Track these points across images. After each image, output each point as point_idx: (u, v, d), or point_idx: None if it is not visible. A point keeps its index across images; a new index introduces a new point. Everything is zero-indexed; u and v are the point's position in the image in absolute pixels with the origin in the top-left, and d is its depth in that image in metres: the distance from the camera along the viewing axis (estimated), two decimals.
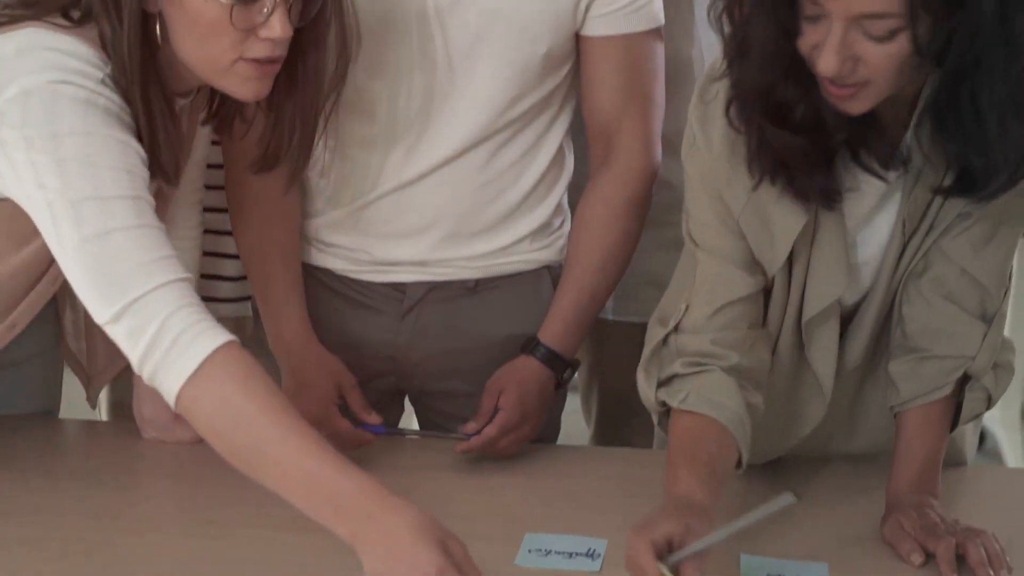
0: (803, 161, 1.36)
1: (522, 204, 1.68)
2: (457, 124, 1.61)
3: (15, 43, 1.34)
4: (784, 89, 1.33)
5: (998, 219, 1.44)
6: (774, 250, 1.44)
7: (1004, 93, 1.27)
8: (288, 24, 1.36)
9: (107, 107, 1.32)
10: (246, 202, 1.67)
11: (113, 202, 1.29)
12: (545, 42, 1.60)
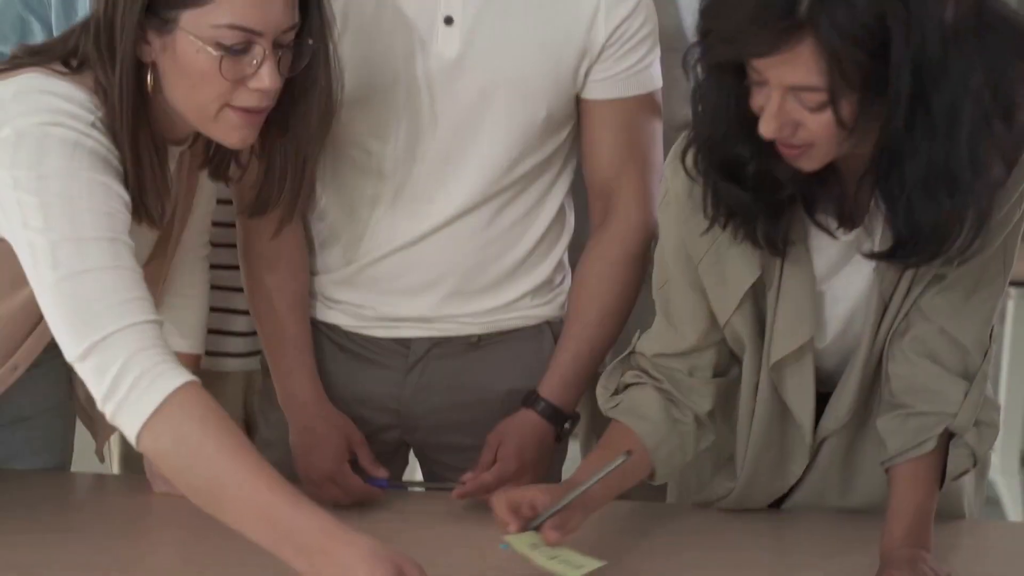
0: (753, 213, 1.44)
1: (524, 262, 1.72)
2: (462, 185, 1.66)
3: (14, 86, 1.40)
4: (736, 146, 1.40)
5: (976, 278, 1.49)
6: (727, 299, 1.51)
7: (924, 171, 1.33)
8: (277, 76, 1.41)
9: (94, 149, 1.36)
10: (258, 261, 1.71)
11: (90, 243, 1.34)
12: (547, 105, 1.65)
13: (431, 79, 1.62)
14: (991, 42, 1.33)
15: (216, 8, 1.37)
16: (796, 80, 1.31)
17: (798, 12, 1.27)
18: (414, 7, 1.62)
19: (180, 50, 1.39)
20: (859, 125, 1.32)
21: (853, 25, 1.27)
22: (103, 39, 1.39)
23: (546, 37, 1.63)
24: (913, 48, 1.28)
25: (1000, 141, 1.36)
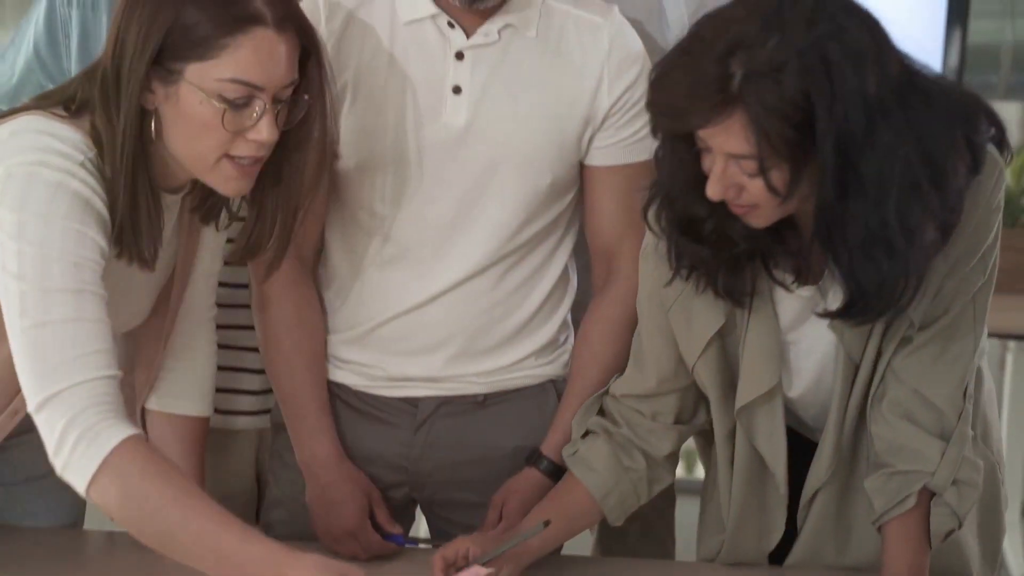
0: (713, 267, 1.52)
1: (529, 323, 1.76)
2: (469, 249, 1.70)
3: (12, 126, 1.45)
4: (692, 205, 1.48)
5: (945, 340, 1.53)
6: (693, 345, 1.59)
7: (861, 235, 1.40)
8: (275, 129, 1.46)
9: (77, 192, 1.41)
10: (276, 321, 1.75)
11: (55, 294, 1.39)
12: (551, 172, 1.70)
13: (440, 146, 1.67)
14: (917, 110, 1.41)
15: (221, 63, 1.42)
16: (731, 149, 1.40)
17: (730, 88, 1.36)
18: (424, 76, 1.67)
19: (184, 100, 1.44)
20: (793, 191, 1.40)
21: (780, 101, 1.35)
22: (110, 86, 1.44)
23: (551, 106, 1.68)
24: (837, 121, 1.36)
25: (932, 207, 1.41)
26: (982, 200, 1.48)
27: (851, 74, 1.36)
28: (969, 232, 1.48)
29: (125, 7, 1.44)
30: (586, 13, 1.71)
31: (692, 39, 1.42)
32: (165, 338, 1.66)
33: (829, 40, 1.36)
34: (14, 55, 1.97)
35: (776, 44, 1.36)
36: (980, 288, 1.53)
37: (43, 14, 1.94)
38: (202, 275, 1.69)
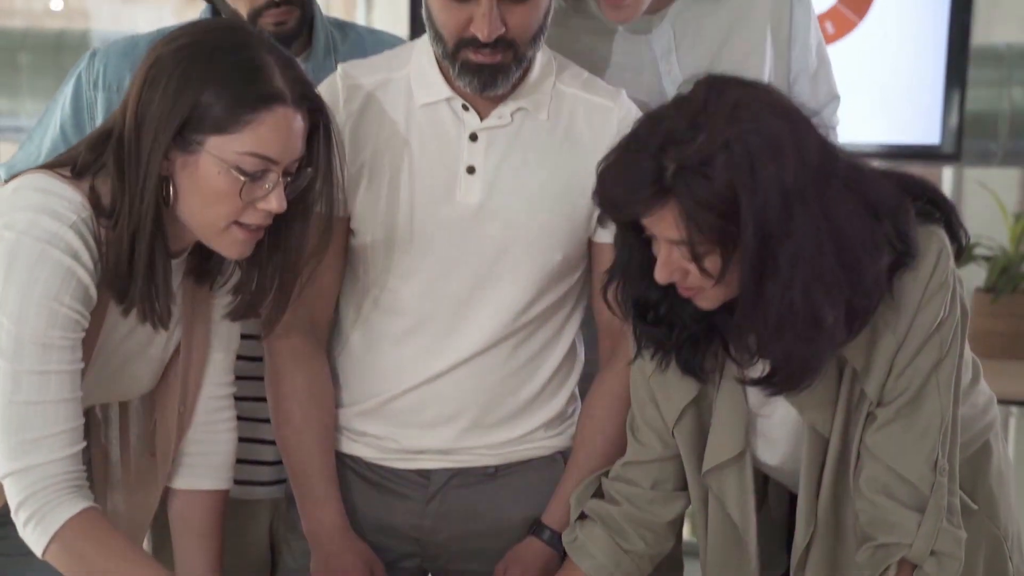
0: (672, 347, 1.61)
1: (539, 396, 1.80)
2: (481, 324, 1.75)
3: (16, 183, 1.51)
4: (645, 289, 1.58)
5: (911, 416, 1.58)
6: (670, 413, 1.66)
7: (775, 316, 1.48)
8: (284, 200, 1.52)
9: (59, 262, 1.46)
10: (287, 394, 1.78)
11: (23, 375, 1.47)
12: (562, 249, 1.75)
13: (453, 225, 1.72)
14: (836, 199, 1.49)
15: (242, 137, 1.48)
16: (668, 235, 1.49)
17: (664, 180, 1.46)
18: (439, 157, 1.73)
19: (202, 170, 1.49)
20: (724, 274, 1.49)
21: (708, 193, 1.45)
22: (128, 153, 1.49)
23: (562, 186, 1.74)
24: (756, 210, 1.44)
25: (839, 293, 1.49)
26: (920, 280, 1.55)
27: (770, 165, 1.45)
28: (910, 312, 1.55)
29: (146, 80, 1.50)
30: (595, 97, 1.77)
31: (630, 138, 1.53)
32: (181, 406, 1.70)
33: (749, 134, 1.45)
34: (41, 135, 2.03)
35: (703, 140, 1.45)
36: (940, 364, 1.58)
37: (70, 96, 2.00)
38: (221, 349, 1.73)
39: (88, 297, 1.50)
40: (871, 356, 1.57)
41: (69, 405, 1.50)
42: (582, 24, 1.92)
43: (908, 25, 3.68)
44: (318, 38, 1.96)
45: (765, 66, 1.93)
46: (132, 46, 1.97)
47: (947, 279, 1.57)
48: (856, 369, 1.58)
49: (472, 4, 1.63)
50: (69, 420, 1.50)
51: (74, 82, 2.00)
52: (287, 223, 1.58)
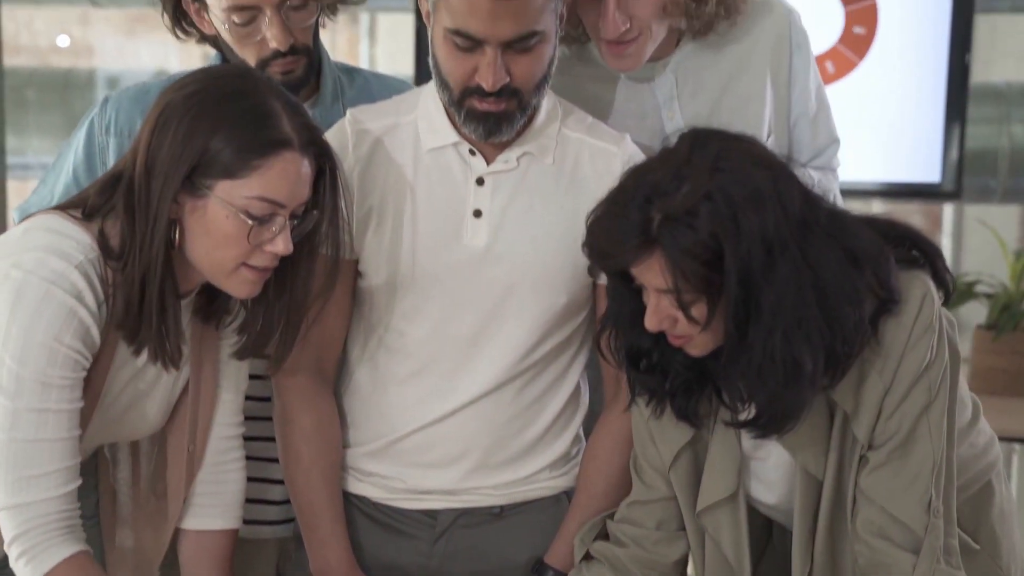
0: (665, 394, 1.65)
1: (544, 436, 1.82)
2: (487, 365, 1.77)
3: (28, 223, 1.55)
4: (637, 338, 1.62)
5: (902, 459, 1.60)
6: (666, 454, 1.69)
7: (758, 361, 1.52)
8: (291, 243, 1.55)
9: (63, 303, 1.49)
10: (296, 434, 1.80)
11: (22, 413, 1.50)
12: (567, 292, 1.77)
13: (460, 267, 1.75)
14: (817, 247, 1.53)
15: (250, 182, 1.52)
16: (656, 284, 1.53)
17: (651, 231, 1.51)
18: (446, 200, 1.75)
19: (211, 214, 1.53)
20: (711, 322, 1.53)
21: (692, 242, 1.49)
22: (138, 197, 1.53)
23: (568, 229, 1.75)
24: (739, 259, 1.49)
25: (819, 340, 1.53)
26: (904, 324, 1.58)
27: (752, 215, 1.49)
28: (896, 356, 1.58)
29: (156, 125, 1.53)
30: (599, 141, 1.80)
31: (618, 190, 1.58)
32: (191, 445, 1.72)
33: (732, 185, 1.50)
34: (54, 179, 2.06)
35: (687, 191, 1.50)
36: (930, 407, 1.60)
37: (82, 141, 2.02)
38: (230, 389, 1.75)
39: (90, 338, 1.53)
40: (860, 400, 1.60)
41: (66, 444, 1.53)
42: (586, 72, 1.96)
43: (908, 64, 3.72)
44: (326, 83, 1.99)
45: (765, 111, 1.96)
46: (143, 92, 2.00)
47: (932, 323, 1.60)
48: (847, 412, 1.61)
49: (477, 54, 1.66)
50: (65, 458, 1.53)
51: (87, 127, 2.03)
52: (293, 264, 1.61)
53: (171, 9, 1.93)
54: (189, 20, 1.93)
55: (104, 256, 1.53)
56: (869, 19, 3.69)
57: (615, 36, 1.81)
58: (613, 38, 1.82)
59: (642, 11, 1.80)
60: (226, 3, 1.82)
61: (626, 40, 1.82)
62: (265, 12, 1.83)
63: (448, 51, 1.68)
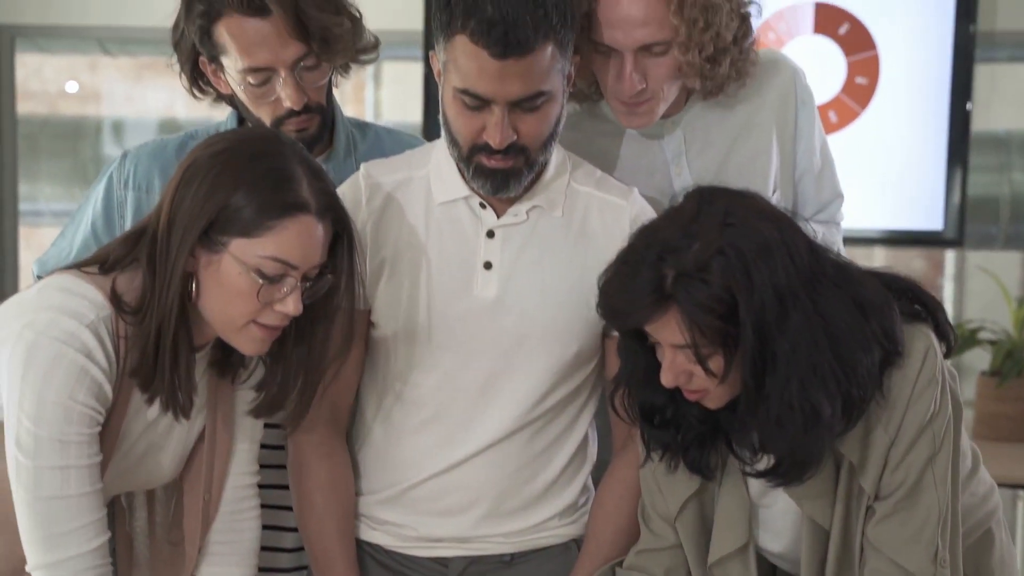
0: (678, 448, 1.68)
1: (553, 485, 1.85)
2: (498, 414, 1.80)
3: (43, 283, 1.59)
4: (651, 394, 1.65)
5: (909, 509, 1.63)
6: (672, 504, 1.72)
7: (776, 409, 1.56)
8: (300, 304, 1.59)
9: (74, 361, 1.52)
10: (310, 483, 1.83)
11: (44, 471, 1.53)
12: (576, 342, 1.81)
13: (471, 318, 1.78)
14: (826, 297, 1.57)
15: (265, 241, 1.55)
16: (672, 340, 1.56)
17: (664, 288, 1.54)
18: (457, 252, 1.79)
19: (224, 270, 1.56)
20: (728, 373, 1.57)
21: (707, 297, 1.53)
22: (159, 250, 1.56)
23: (577, 281, 1.79)
24: (754, 311, 1.53)
25: (835, 386, 1.56)
26: (908, 377, 1.62)
27: (763, 267, 1.53)
28: (901, 408, 1.61)
29: (181, 181, 1.58)
30: (608, 195, 1.84)
31: (628, 250, 1.61)
32: (206, 494, 1.75)
33: (741, 239, 1.54)
34: (73, 232, 2.10)
35: (698, 247, 1.54)
36: (935, 458, 1.63)
37: (101, 195, 2.07)
38: (245, 439, 1.78)
39: (103, 394, 1.56)
40: (866, 451, 1.63)
41: (91, 497, 1.56)
42: (595, 127, 2.00)
43: (909, 113, 3.77)
44: (339, 139, 2.04)
45: (771, 167, 2.00)
46: (161, 148, 2.05)
47: (935, 376, 1.63)
48: (852, 463, 1.63)
49: (485, 113, 1.70)
50: (92, 512, 1.56)
51: (106, 182, 2.07)
52: (311, 324, 1.65)
53: (189, 69, 1.98)
54: (206, 79, 1.98)
55: (118, 311, 1.56)
56: (871, 70, 3.75)
57: (631, 96, 1.85)
58: (629, 98, 1.85)
59: (657, 72, 1.84)
60: (242, 65, 1.87)
61: (641, 100, 1.86)
62: (280, 73, 1.87)
63: (457, 110, 1.72)
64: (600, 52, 1.84)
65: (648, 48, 1.82)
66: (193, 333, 1.61)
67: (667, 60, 1.83)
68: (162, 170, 2.02)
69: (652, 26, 1.80)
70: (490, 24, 1.64)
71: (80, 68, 4.77)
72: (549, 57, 1.68)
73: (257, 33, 1.85)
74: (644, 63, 1.83)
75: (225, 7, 1.85)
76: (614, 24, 1.80)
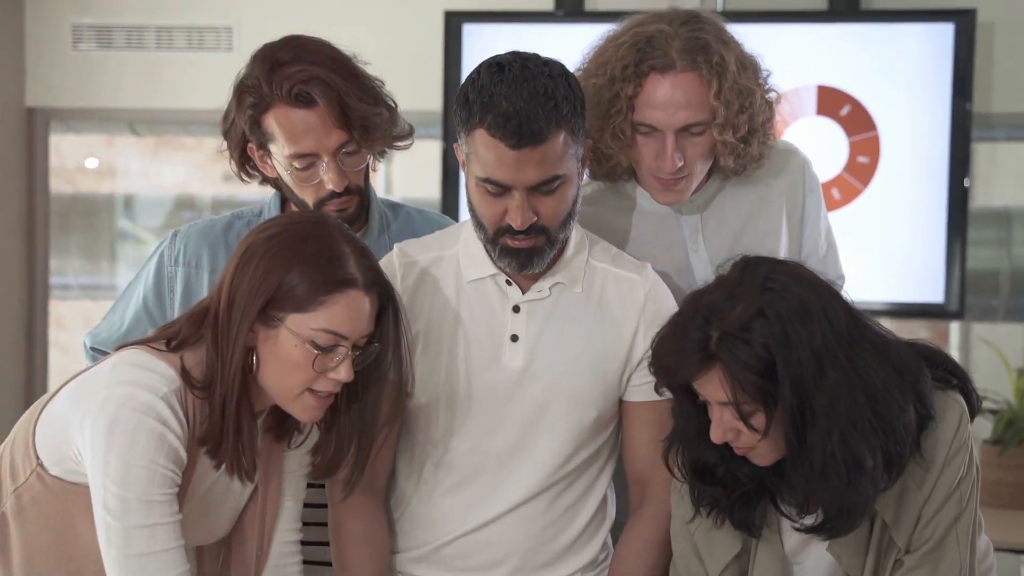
0: (727, 505, 1.77)
1: (575, 542, 1.96)
2: (524, 476, 1.92)
3: (115, 359, 1.71)
4: (704, 451, 1.76)
5: (934, 561, 1.74)
6: (713, 567, 1.82)
7: (820, 463, 1.66)
8: (352, 372, 1.71)
9: (152, 430, 1.64)
10: (348, 542, 1.94)
11: (132, 531, 1.65)
12: (596, 408, 1.93)
13: (499, 387, 1.91)
14: (863, 357, 1.68)
15: (318, 315, 1.69)
16: (716, 397, 1.68)
17: (709, 347, 1.67)
18: (486, 326, 1.92)
19: (281, 343, 1.70)
20: (769, 429, 1.67)
21: (747, 355, 1.65)
22: (221, 327, 1.70)
23: (596, 351, 1.92)
24: (791, 367, 1.64)
25: (875, 439, 1.67)
26: (943, 440, 1.73)
27: (801, 327, 1.65)
28: (936, 469, 1.73)
29: (239, 263, 1.72)
30: (623, 271, 1.97)
31: (678, 314, 1.75)
32: (258, 550, 1.87)
33: (780, 301, 1.66)
34: (124, 307, 2.23)
35: (740, 309, 1.66)
36: (960, 518, 1.75)
37: (152, 271, 2.20)
38: (291, 497, 1.90)
39: (179, 457, 1.69)
40: (900, 510, 1.74)
41: (177, 552, 1.67)
42: (616, 204, 2.14)
43: (909, 190, 3.88)
44: (374, 218, 2.17)
45: (781, 246, 2.13)
46: (209, 227, 2.19)
47: (967, 441, 1.75)
48: (886, 521, 1.74)
49: (506, 198, 1.83)
50: (179, 565, 1.67)
51: (156, 259, 2.20)
52: (362, 391, 1.78)
53: (237, 156, 2.12)
54: (253, 164, 2.12)
55: (187, 385, 1.69)
56: (872, 149, 3.87)
57: (670, 173, 1.99)
58: (668, 175, 2.00)
59: (695, 151, 1.99)
60: (288, 151, 2.01)
61: (679, 177, 2.01)
62: (323, 159, 2.01)
63: (480, 196, 1.86)
64: (642, 133, 1.99)
65: (688, 128, 1.97)
66: (254, 402, 1.74)
67: (704, 140, 1.99)
68: (210, 248, 2.16)
69: (693, 108, 1.96)
70: (505, 118, 1.78)
71: (97, 144, 4.93)
72: (562, 144, 1.82)
73: (303, 122, 1.99)
74: (683, 143, 1.98)
75: (275, 99, 1.99)
76: (658, 106, 1.96)
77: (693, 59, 1.95)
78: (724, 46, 1.97)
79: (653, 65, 1.96)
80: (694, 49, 1.95)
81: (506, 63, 1.82)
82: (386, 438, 1.88)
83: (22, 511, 1.75)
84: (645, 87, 1.96)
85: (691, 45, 1.96)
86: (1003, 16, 4.00)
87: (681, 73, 1.95)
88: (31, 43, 4.29)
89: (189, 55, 4.21)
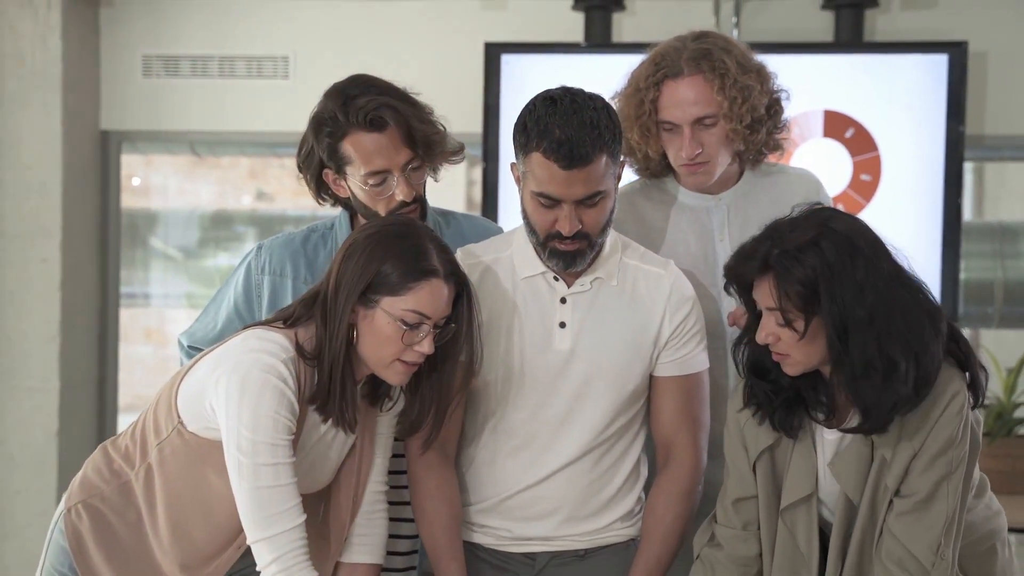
0: (773, 405, 2.09)
1: (616, 495, 2.30)
2: (572, 440, 2.26)
3: (244, 334, 2.07)
4: (764, 355, 2.08)
5: (922, 509, 2.05)
6: (752, 451, 2.13)
7: (861, 364, 1.96)
8: (433, 345, 2.06)
9: (276, 386, 1.99)
10: (423, 495, 2.27)
11: (261, 468, 1.99)
12: (632, 382, 2.28)
13: (551, 366, 2.26)
14: (899, 294, 1.99)
15: (407, 298, 2.04)
16: (766, 303, 2.02)
17: (768, 260, 2.01)
18: (538, 315, 2.27)
19: (377, 320, 2.05)
20: (806, 333, 1.98)
21: (797, 271, 1.98)
22: (329, 308, 2.05)
23: (630, 335, 2.27)
24: (836, 289, 1.96)
25: (906, 347, 1.96)
26: (939, 405, 2.03)
27: (847, 260, 1.97)
28: (927, 428, 2.03)
29: (344, 256, 2.08)
30: (651, 267, 2.32)
31: (756, 235, 2.06)
32: (353, 497, 2.20)
33: (834, 236, 1.99)
34: (215, 310, 2.54)
35: (798, 235, 2.00)
36: (949, 477, 2.05)
37: (241, 279, 2.50)
38: (380, 455, 2.25)
39: (295, 410, 2.04)
40: (895, 454, 2.03)
41: (293, 487, 2.03)
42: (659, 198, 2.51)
43: (908, 206, 4.06)
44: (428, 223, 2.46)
45: None
46: (289, 240, 2.50)
47: (961, 411, 2.04)
48: (885, 458, 2.04)
49: (556, 209, 2.18)
50: (294, 497, 2.03)
51: (245, 268, 2.50)
52: (440, 363, 2.13)
53: (314, 182, 2.41)
54: (326, 188, 2.41)
55: (300, 356, 2.05)
56: (874, 168, 4.08)
57: (690, 158, 2.37)
58: (688, 160, 2.38)
59: (710, 139, 2.38)
60: (364, 171, 2.31)
61: (699, 162, 2.39)
62: (394, 174, 2.32)
63: (535, 207, 2.20)
64: (666, 129, 2.39)
65: (700, 120, 2.36)
66: (355, 370, 2.10)
67: (717, 130, 2.37)
68: (291, 258, 2.46)
69: (702, 103, 2.35)
70: (558, 144, 2.12)
71: (137, 163, 5.20)
72: (604, 165, 2.16)
73: (376, 144, 2.30)
74: (699, 133, 2.37)
75: (350, 127, 2.29)
76: (674, 105, 2.37)
77: (698, 65, 2.34)
78: (726, 53, 2.36)
79: (667, 73, 2.36)
80: (699, 57, 2.35)
81: (558, 97, 2.16)
82: (456, 406, 2.22)
83: (164, 462, 2.12)
84: (663, 92, 2.36)
85: (696, 54, 2.36)
86: (995, 46, 4.18)
87: (688, 76, 2.35)
88: (105, 72, 4.57)
89: (248, 83, 4.52)
